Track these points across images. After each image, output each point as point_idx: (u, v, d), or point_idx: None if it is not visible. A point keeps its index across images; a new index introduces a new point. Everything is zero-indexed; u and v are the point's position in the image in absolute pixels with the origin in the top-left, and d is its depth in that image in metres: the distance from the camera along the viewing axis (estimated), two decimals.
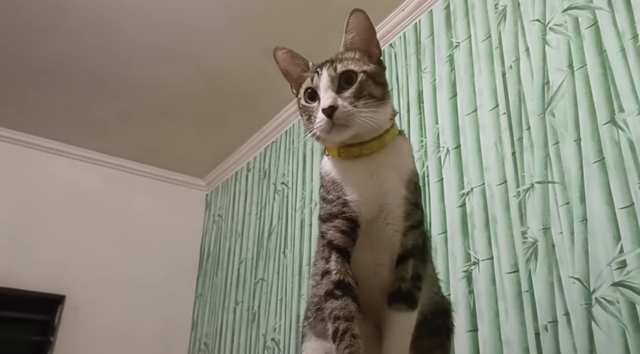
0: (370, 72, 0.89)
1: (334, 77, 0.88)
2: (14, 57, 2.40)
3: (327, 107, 0.84)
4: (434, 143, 1.81)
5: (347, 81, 0.88)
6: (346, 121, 0.85)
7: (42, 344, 2.74)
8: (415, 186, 0.91)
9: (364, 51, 0.93)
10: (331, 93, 0.87)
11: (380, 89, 0.90)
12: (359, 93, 0.87)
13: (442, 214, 1.69)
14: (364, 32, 0.93)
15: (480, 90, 1.68)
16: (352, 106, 0.85)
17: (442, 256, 1.62)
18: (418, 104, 1.94)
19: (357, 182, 0.89)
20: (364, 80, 0.88)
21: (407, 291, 0.87)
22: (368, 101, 0.87)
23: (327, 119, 0.84)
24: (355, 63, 0.90)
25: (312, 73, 0.92)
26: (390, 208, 0.88)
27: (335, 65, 0.89)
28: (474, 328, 1.44)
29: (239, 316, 2.70)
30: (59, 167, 3.04)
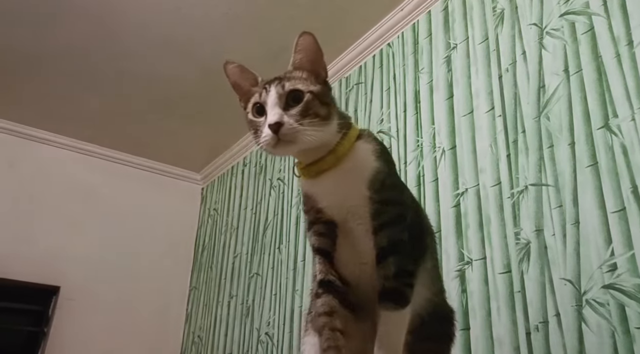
0: (317, 92, 0.93)
1: (282, 94, 0.92)
2: (12, 49, 2.39)
3: (273, 123, 0.88)
4: (429, 143, 1.83)
5: (294, 100, 0.91)
6: (291, 137, 0.88)
7: (36, 334, 2.75)
8: (383, 184, 0.92)
9: (312, 71, 0.97)
10: (278, 110, 0.90)
11: (325, 109, 0.93)
12: (304, 112, 0.90)
13: (436, 214, 1.71)
14: (312, 53, 0.97)
15: (477, 92, 1.70)
16: (298, 124, 0.89)
17: None
18: (415, 104, 1.96)
19: (324, 193, 0.94)
20: (310, 100, 0.91)
21: (392, 288, 0.88)
22: (313, 120, 0.90)
23: (273, 134, 0.88)
24: (302, 82, 0.94)
25: (261, 89, 0.95)
26: (355, 210, 0.92)
27: (283, 83, 0.93)
28: (466, 327, 1.47)
29: (233, 309, 2.72)
30: (55, 159, 3.03)
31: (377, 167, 0.92)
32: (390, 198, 0.92)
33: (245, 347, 2.50)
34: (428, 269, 0.97)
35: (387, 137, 2.04)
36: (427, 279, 0.96)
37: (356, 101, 2.30)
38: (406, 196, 0.98)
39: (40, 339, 2.73)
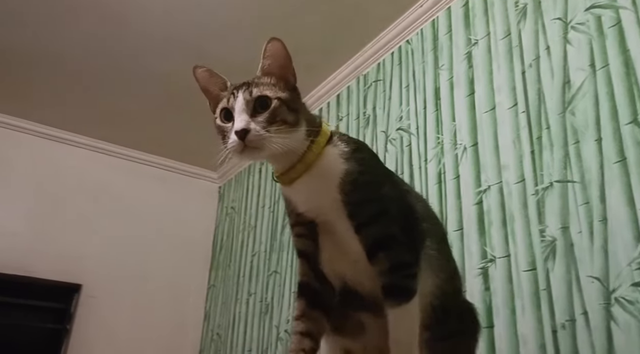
0: (285, 99, 0.93)
1: (249, 100, 0.91)
2: (32, 51, 2.43)
3: (239, 129, 0.88)
4: (450, 140, 1.82)
5: (262, 106, 0.91)
6: (257, 144, 0.88)
7: (59, 331, 2.79)
8: (354, 185, 0.91)
9: (281, 77, 0.96)
10: (245, 116, 0.90)
11: (293, 115, 0.92)
12: (272, 118, 0.90)
13: (458, 211, 1.70)
14: (281, 59, 0.96)
15: (499, 88, 1.68)
16: (265, 131, 0.89)
17: (458, 253, 1.63)
18: (435, 101, 1.95)
19: (299, 200, 0.95)
20: (278, 107, 0.91)
21: (390, 284, 0.87)
22: (280, 126, 0.90)
23: (239, 140, 0.87)
24: (270, 89, 0.93)
25: (229, 94, 0.95)
26: (331, 213, 0.92)
27: (251, 89, 0.92)
28: (489, 325, 1.46)
29: (252, 307, 2.73)
30: (75, 158, 3.08)
31: (345, 169, 0.92)
32: (365, 197, 0.91)
33: (265, 344, 2.52)
34: (431, 255, 0.95)
35: (406, 135, 2.03)
36: (432, 265, 0.95)
37: (374, 99, 2.30)
38: (386, 189, 0.95)
39: (62, 337, 2.77)
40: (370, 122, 2.27)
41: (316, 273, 0.97)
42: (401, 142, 2.05)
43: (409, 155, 1.99)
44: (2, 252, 2.70)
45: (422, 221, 0.98)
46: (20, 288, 2.74)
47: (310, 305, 0.97)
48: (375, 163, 1.00)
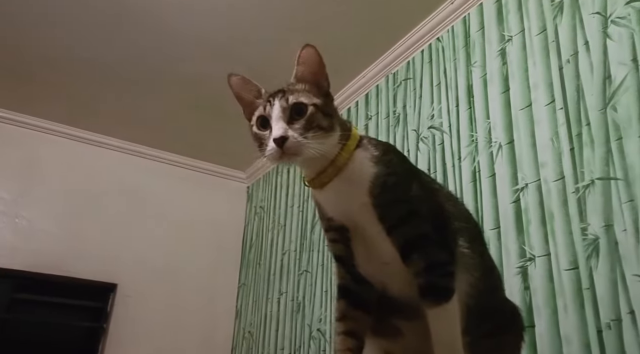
0: (320, 105, 0.94)
1: (286, 108, 0.92)
2: (66, 57, 2.49)
3: (278, 137, 0.88)
4: (485, 138, 1.80)
5: (298, 113, 0.92)
6: (295, 150, 0.89)
7: (96, 330, 2.86)
8: (383, 187, 0.91)
9: (314, 83, 0.97)
10: (282, 124, 0.91)
11: (327, 120, 0.93)
12: (308, 125, 0.91)
13: (494, 210, 1.69)
14: (315, 65, 0.97)
15: (535, 84, 1.66)
16: (302, 137, 0.90)
17: (495, 252, 1.62)
18: (468, 98, 1.94)
19: (330, 203, 0.97)
20: (314, 113, 0.92)
21: (427, 283, 0.88)
22: (317, 132, 0.91)
23: (277, 148, 0.88)
24: (305, 95, 0.94)
25: (265, 102, 0.96)
26: (361, 217, 0.92)
27: (287, 97, 0.93)
28: (530, 324, 1.44)
29: (283, 306, 2.75)
30: (108, 161, 3.15)
31: (375, 172, 0.92)
32: (394, 199, 0.92)
33: (297, 343, 2.54)
34: (464, 253, 0.95)
35: (439, 133, 2.02)
36: (465, 264, 0.94)
37: (404, 97, 2.29)
38: (415, 190, 0.95)
39: (100, 335, 2.84)
40: (400, 121, 2.27)
41: (354, 275, 0.98)
42: (433, 141, 2.04)
43: (441, 153, 1.98)
44: (40, 253, 2.78)
45: (454, 219, 0.98)
46: (59, 287, 2.82)
47: (351, 305, 0.98)
48: (404, 164, 1.00)
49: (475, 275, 0.95)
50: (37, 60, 2.52)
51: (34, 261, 2.75)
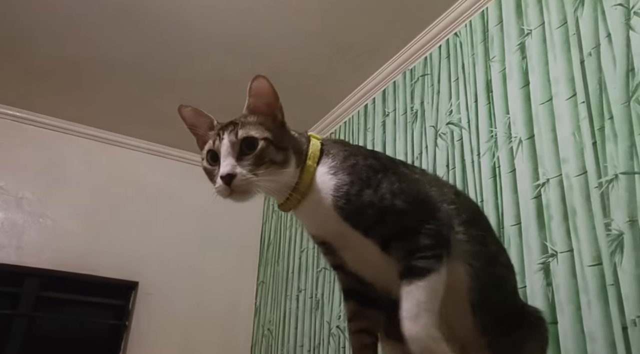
0: (272, 138, 0.91)
1: (235, 142, 0.89)
2: (89, 57, 2.53)
3: (225, 174, 0.87)
4: (504, 133, 1.79)
5: (249, 147, 0.89)
6: (245, 188, 0.87)
7: (119, 327, 2.91)
8: (346, 198, 0.88)
9: (268, 115, 0.95)
10: (230, 160, 0.88)
11: (281, 155, 0.91)
12: (259, 160, 0.89)
13: (515, 206, 1.67)
14: (267, 97, 0.95)
15: (556, 78, 1.64)
16: (252, 174, 0.87)
17: (516, 248, 1.61)
18: (486, 93, 1.92)
19: (305, 224, 0.99)
20: (265, 148, 0.89)
21: (404, 267, 0.84)
22: (269, 167, 0.89)
23: (224, 185, 0.87)
24: (257, 129, 0.91)
25: (215, 135, 0.93)
26: (338, 231, 0.91)
27: (237, 131, 0.90)
28: (553, 321, 1.43)
29: (302, 303, 2.76)
30: (130, 160, 3.19)
31: (334, 184, 0.90)
32: (360, 205, 0.88)
33: (317, 340, 2.54)
34: (460, 240, 0.90)
35: (457, 129, 2.01)
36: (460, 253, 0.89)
37: (422, 93, 2.28)
38: (385, 187, 0.90)
39: (122, 332, 2.89)
40: (418, 117, 2.26)
41: (356, 277, 0.96)
42: (452, 137, 2.03)
43: (460, 149, 1.97)
44: (64, 252, 2.84)
45: (442, 204, 0.92)
46: (83, 285, 2.87)
47: (360, 305, 0.97)
48: (369, 164, 0.94)
49: (474, 265, 0.91)
50: (56, 62, 2.56)
51: (58, 259, 2.81)
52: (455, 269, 0.88)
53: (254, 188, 0.88)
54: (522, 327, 0.97)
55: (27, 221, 2.84)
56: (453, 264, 0.87)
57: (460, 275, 0.89)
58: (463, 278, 0.90)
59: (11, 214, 2.82)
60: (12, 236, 2.77)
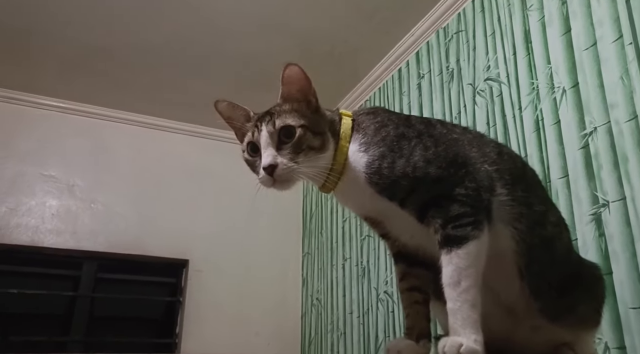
0: (308, 124, 0.92)
1: (273, 132, 0.90)
2: (123, 43, 2.58)
3: (267, 166, 0.88)
4: (547, 84, 1.72)
5: (287, 135, 0.90)
6: (287, 177, 0.89)
7: (174, 304, 3.03)
8: (379, 172, 0.88)
9: (302, 101, 0.95)
10: (271, 150, 0.89)
11: (318, 140, 0.91)
12: (298, 148, 0.89)
13: (561, 158, 1.62)
14: (300, 83, 0.94)
15: (600, 21, 1.56)
16: (293, 162, 0.88)
17: (565, 201, 1.57)
18: (525, 44, 1.85)
19: (346, 203, 1.02)
20: (302, 135, 0.90)
21: (442, 237, 0.83)
22: (308, 153, 0.90)
23: (268, 176, 0.88)
24: (293, 116, 0.92)
25: (253, 127, 0.94)
26: (377, 207, 0.92)
27: (274, 120, 0.91)
28: (608, 271, 1.39)
29: (348, 271, 2.80)
30: (173, 143, 3.28)
31: (366, 161, 0.90)
32: (393, 178, 0.87)
33: (365, 306, 2.58)
34: (502, 203, 0.88)
35: (496, 84, 1.95)
36: (503, 216, 0.87)
37: (457, 51, 2.21)
38: (417, 156, 0.88)
39: (177, 308, 3.02)
40: (454, 76, 2.20)
41: (402, 245, 0.97)
42: (491, 93, 1.98)
43: (500, 105, 1.92)
44: (116, 235, 2.96)
45: (482, 164, 0.90)
46: (137, 265, 3.00)
47: (409, 265, 0.98)
48: (400, 132, 0.92)
49: (519, 227, 0.88)
50: (92, 50, 2.62)
51: (112, 242, 2.94)
52: (499, 233, 0.86)
53: (296, 176, 0.89)
54: (576, 288, 0.94)
55: (80, 207, 2.97)
56: (496, 228, 0.86)
57: (504, 239, 0.87)
58: (507, 242, 0.88)
59: (65, 202, 2.95)
60: (67, 222, 2.91)
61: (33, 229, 2.83)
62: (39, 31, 2.47)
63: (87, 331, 2.79)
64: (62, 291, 2.86)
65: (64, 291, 2.86)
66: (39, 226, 2.85)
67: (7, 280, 2.73)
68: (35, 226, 2.85)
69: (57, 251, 2.84)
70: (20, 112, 2.99)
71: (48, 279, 2.88)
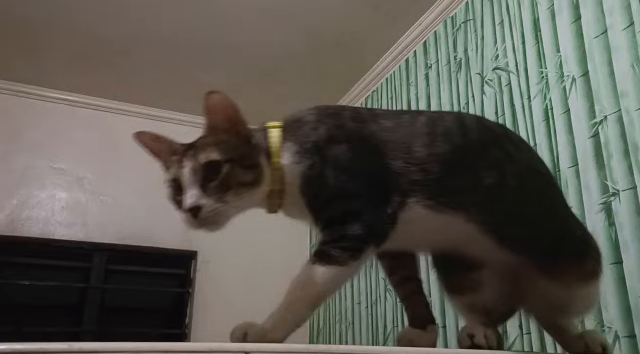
0: (237, 158, 0.82)
1: (197, 169, 0.81)
2: (134, 35, 2.58)
3: (189, 208, 0.79)
4: (556, 73, 1.71)
5: (212, 172, 0.81)
6: (213, 220, 0.80)
7: (183, 295, 3.06)
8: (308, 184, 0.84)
9: (229, 131, 0.85)
10: (194, 190, 0.80)
11: (251, 174, 0.83)
12: (226, 185, 0.80)
13: (571, 147, 1.61)
14: (227, 112, 0.85)
15: (610, 8, 1.55)
16: (221, 202, 0.80)
17: (574, 190, 1.56)
18: (534, 34, 1.83)
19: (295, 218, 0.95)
20: (230, 171, 0.81)
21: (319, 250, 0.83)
22: (239, 190, 0.81)
23: (192, 219, 0.79)
24: (219, 150, 0.82)
25: (176, 162, 0.85)
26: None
27: (197, 156, 0.82)
28: (618, 261, 1.39)
29: None
30: (181, 135, 3.22)
31: (301, 171, 0.85)
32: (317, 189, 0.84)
33: (374, 297, 2.59)
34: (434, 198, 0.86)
35: (505, 74, 1.94)
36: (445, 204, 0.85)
37: (465, 41, 2.20)
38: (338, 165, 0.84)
39: (187, 299, 3.04)
40: (462, 66, 2.19)
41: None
42: (499, 83, 1.96)
43: (509, 95, 1.91)
44: (125, 227, 2.99)
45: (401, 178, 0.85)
46: (147, 257, 3.02)
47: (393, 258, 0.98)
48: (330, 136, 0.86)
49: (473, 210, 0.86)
50: (100, 43, 2.62)
51: (122, 234, 2.96)
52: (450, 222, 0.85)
53: (224, 218, 0.81)
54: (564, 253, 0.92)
55: (90, 200, 3.00)
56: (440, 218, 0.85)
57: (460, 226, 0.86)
58: (465, 227, 0.86)
59: (75, 194, 2.98)
60: (77, 215, 2.94)
61: (44, 222, 2.86)
62: (47, 24, 2.48)
63: (98, 322, 2.82)
64: (73, 283, 2.89)
65: (75, 283, 2.89)
66: (50, 219, 2.88)
67: (20, 272, 2.76)
68: (46, 218, 2.87)
69: (68, 243, 2.87)
70: (29, 106, 3.00)
71: (59, 271, 2.91)
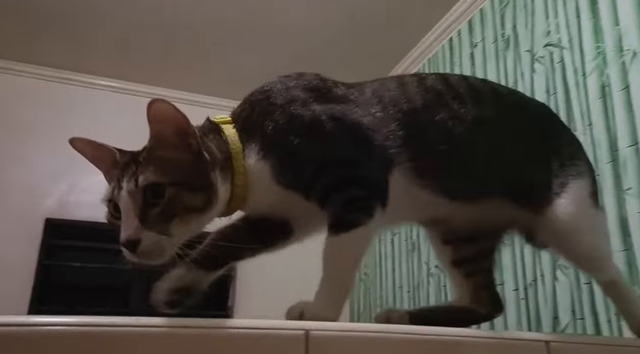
0: (184, 179, 0.70)
1: (135, 193, 0.68)
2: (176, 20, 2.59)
3: (125, 241, 0.67)
4: (614, 48, 1.63)
5: (154, 196, 0.69)
6: (154, 255, 0.68)
7: (225, 277, 3.10)
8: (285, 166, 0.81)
9: (177, 145, 0.74)
10: (132, 220, 0.67)
11: (200, 197, 0.71)
12: (170, 212, 0.68)
13: (630, 125, 1.54)
14: (176, 122, 0.74)
15: None
16: (163, 234, 0.67)
17: (634, 170, 1.49)
18: (590, 7, 1.75)
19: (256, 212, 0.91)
20: (174, 195, 0.69)
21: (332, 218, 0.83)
22: (185, 217, 0.70)
23: (130, 252, 0.68)
24: (162, 169, 0.70)
25: (115, 178, 0.72)
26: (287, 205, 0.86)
27: (136, 176, 0.69)
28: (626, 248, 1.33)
29: (397, 246, 2.78)
30: None
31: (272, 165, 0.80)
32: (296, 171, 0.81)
33: (415, 281, 2.57)
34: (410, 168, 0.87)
35: (557, 50, 1.86)
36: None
37: (514, 17, 2.12)
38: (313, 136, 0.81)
39: (228, 282, 3.10)
40: (510, 43, 2.11)
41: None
42: (551, 59, 1.88)
43: (562, 72, 1.83)
44: None
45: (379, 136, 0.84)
46: None
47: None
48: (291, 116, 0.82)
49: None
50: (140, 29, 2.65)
51: None
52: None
53: (167, 252, 0.70)
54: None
55: None
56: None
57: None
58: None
59: None
60: None
61: (91, 206, 2.94)
62: (88, 11, 2.52)
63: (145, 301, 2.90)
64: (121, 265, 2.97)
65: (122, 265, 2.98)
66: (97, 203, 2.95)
67: (71, 254, 2.87)
68: (93, 202, 2.95)
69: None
70: (74, 92, 3.08)
71: (108, 254, 3.00)
